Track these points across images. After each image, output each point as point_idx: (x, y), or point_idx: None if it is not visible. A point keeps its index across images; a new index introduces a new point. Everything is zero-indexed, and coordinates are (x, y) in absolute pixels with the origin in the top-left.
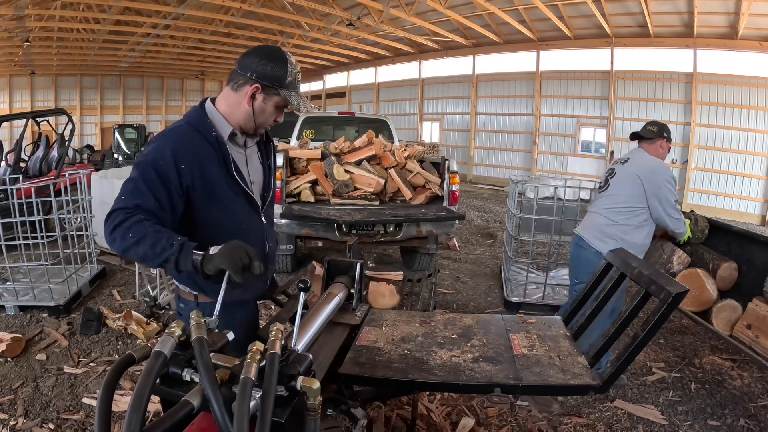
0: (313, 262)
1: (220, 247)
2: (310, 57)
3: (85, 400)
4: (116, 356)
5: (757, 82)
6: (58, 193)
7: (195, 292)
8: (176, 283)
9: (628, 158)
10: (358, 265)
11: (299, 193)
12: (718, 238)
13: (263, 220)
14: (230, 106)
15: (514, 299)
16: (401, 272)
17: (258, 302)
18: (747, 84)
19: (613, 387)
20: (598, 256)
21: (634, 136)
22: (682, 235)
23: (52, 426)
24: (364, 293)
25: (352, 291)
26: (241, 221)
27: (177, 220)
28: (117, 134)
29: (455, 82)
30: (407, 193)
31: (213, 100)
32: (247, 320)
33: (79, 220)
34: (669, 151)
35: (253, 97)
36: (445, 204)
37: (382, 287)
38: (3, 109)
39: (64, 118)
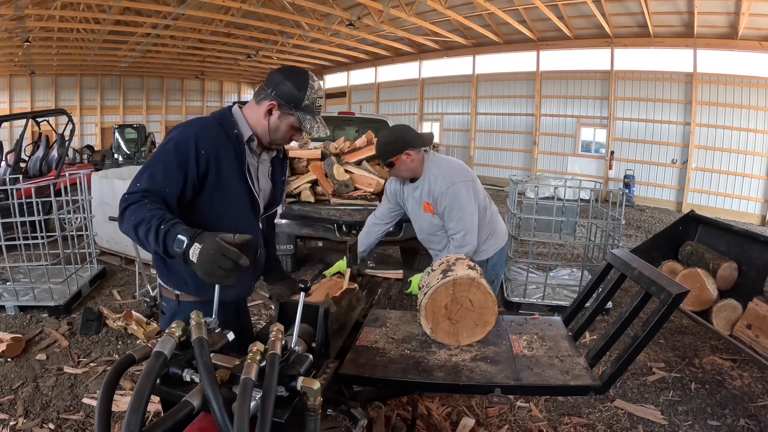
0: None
1: (197, 253)
2: (310, 57)
3: (85, 400)
4: (116, 356)
5: (757, 82)
6: (58, 193)
7: (177, 291)
8: (159, 281)
9: None
10: (322, 311)
11: (299, 193)
12: (718, 238)
13: (260, 225)
14: (253, 117)
15: (514, 299)
16: (401, 272)
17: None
18: (747, 84)
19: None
20: None
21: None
22: None
23: (52, 426)
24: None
25: (314, 345)
26: (239, 219)
27: (184, 206)
28: (117, 134)
29: (455, 82)
30: None
31: (241, 106)
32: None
33: (79, 220)
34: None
35: (269, 113)
36: None
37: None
38: (3, 109)
39: (64, 118)
